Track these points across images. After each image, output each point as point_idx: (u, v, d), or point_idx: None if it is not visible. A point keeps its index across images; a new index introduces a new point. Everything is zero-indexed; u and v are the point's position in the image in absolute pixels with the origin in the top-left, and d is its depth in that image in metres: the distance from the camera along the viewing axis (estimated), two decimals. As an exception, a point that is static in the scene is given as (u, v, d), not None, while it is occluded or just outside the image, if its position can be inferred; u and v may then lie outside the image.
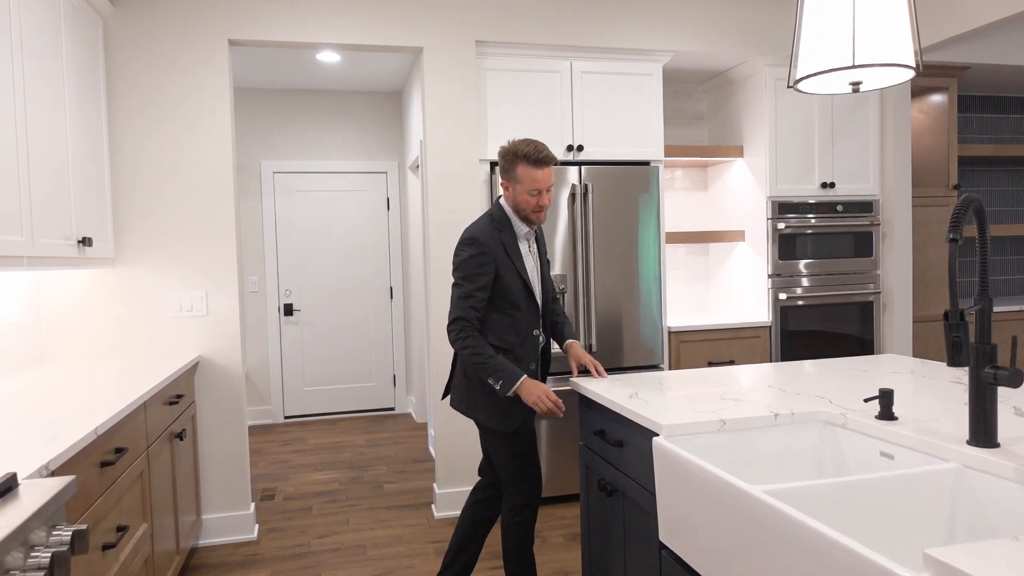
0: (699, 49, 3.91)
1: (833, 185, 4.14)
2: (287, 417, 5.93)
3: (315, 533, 3.50)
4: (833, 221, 4.17)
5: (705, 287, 4.73)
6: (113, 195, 3.23)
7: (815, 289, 4.16)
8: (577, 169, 3.73)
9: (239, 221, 3.43)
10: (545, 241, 2.65)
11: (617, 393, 2.07)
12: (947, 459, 1.45)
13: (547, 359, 2.61)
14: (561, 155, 3.77)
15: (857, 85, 1.89)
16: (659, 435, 1.72)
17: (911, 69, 1.80)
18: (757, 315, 4.20)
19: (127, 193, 3.25)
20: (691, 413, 1.79)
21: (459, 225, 3.63)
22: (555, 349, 3.59)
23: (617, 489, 2.03)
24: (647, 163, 3.93)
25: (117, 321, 3.26)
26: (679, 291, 4.67)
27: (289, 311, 5.86)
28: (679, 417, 1.75)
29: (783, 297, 4.09)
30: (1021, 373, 1.33)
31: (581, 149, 3.78)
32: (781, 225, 4.08)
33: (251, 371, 5.84)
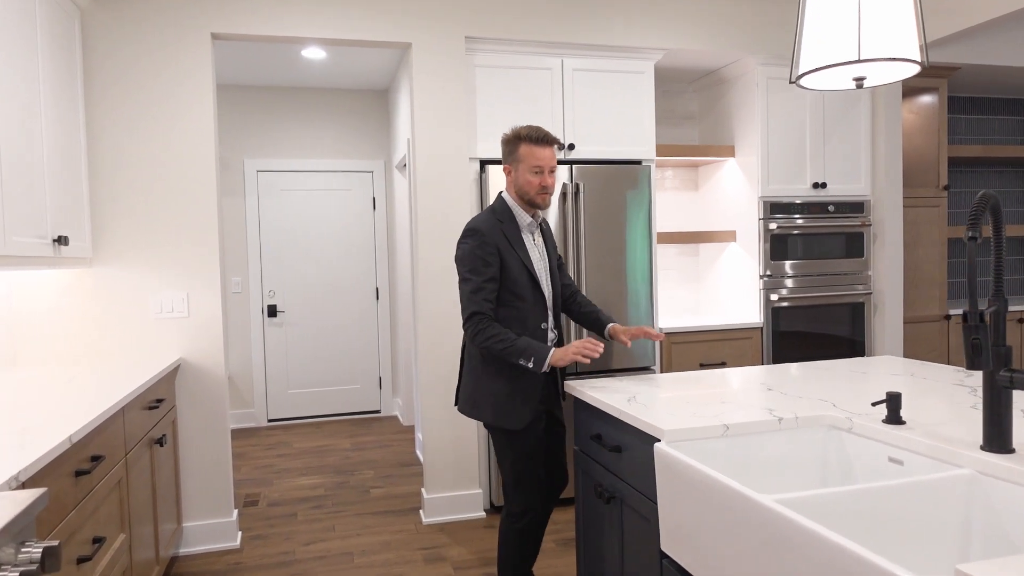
0: (691, 47, 3.87)
1: (825, 185, 4.12)
2: (271, 420, 5.82)
3: (300, 540, 3.41)
4: (825, 221, 4.14)
5: (695, 288, 4.69)
6: (91, 193, 3.13)
7: (806, 290, 4.13)
8: (568, 168, 3.67)
9: (222, 220, 3.33)
10: (553, 237, 2.58)
11: (614, 397, 2.01)
12: (961, 465, 1.41)
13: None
14: (552, 154, 3.71)
15: (861, 81, 1.85)
16: (661, 441, 1.66)
17: (917, 64, 1.76)
18: (748, 316, 4.16)
19: (106, 191, 3.15)
20: (692, 418, 1.73)
21: (449, 224, 3.56)
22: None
23: (615, 496, 1.97)
24: (639, 162, 3.88)
25: (95, 322, 3.16)
26: (669, 291, 4.63)
27: (273, 312, 5.75)
28: (681, 422, 1.69)
29: (774, 298, 4.06)
30: (1038, 376, 1.29)
31: (572, 148, 3.72)
32: (773, 225, 4.04)
33: (234, 373, 5.73)
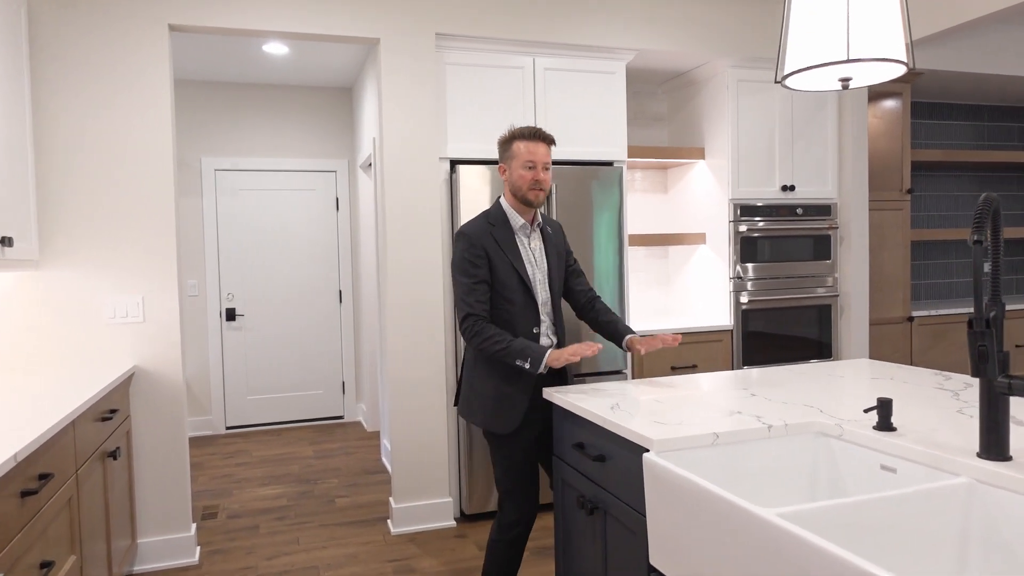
0: (663, 48, 3.84)
1: (793, 188, 4.14)
2: (229, 428, 5.63)
3: (263, 554, 3.27)
4: (793, 224, 4.16)
5: (665, 290, 4.67)
6: (38, 192, 2.95)
7: (776, 292, 4.14)
8: (540, 169, 3.60)
9: (178, 220, 3.18)
10: (563, 240, 2.53)
11: (596, 404, 1.94)
12: (957, 473, 1.38)
13: (561, 368, 2.44)
14: (523, 154, 3.64)
15: (847, 81, 1.82)
16: (649, 451, 1.60)
17: (903, 65, 1.74)
18: (718, 318, 4.16)
19: (55, 190, 2.98)
20: (680, 426, 1.68)
21: (418, 225, 3.46)
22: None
23: (599, 506, 1.91)
24: (610, 163, 3.84)
25: (43, 329, 2.98)
26: (639, 294, 4.60)
27: (232, 316, 5.56)
28: (669, 431, 1.64)
29: (744, 300, 4.06)
30: (1037, 382, 1.26)
31: (544, 148, 3.66)
32: (743, 227, 4.04)
33: (190, 379, 5.52)
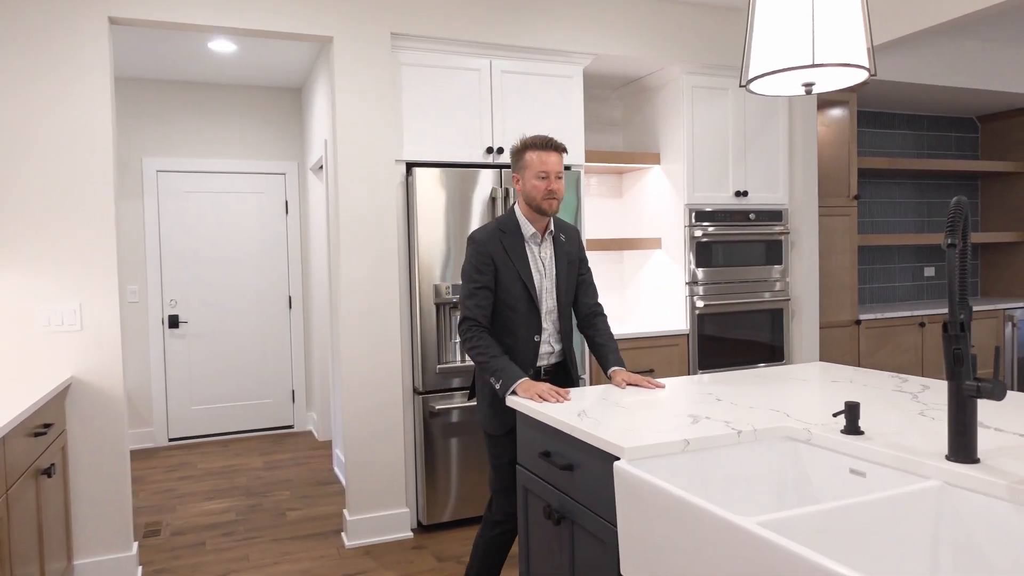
0: (620, 53, 3.85)
1: (746, 194, 4.19)
2: (172, 439, 5.41)
3: (210, 572, 3.13)
4: (746, 229, 4.21)
5: (619, 296, 4.68)
6: (-37, 191, 2.76)
7: (730, 296, 4.19)
8: (497, 172, 3.56)
9: (118, 224, 3.02)
10: (577, 247, 2.52)
11: (563, 412, 1.90)
12: (927, 476, 1.38)
13: (566, 376, 2.49)
14: (480, 157, 3.59)
15: (810, 86, 1.83)
16: (620, 459, 1.57)
17: (866, 71, 1.76)
18: (675, 323, 4.18)
19: (-19, 189, 2.79)
20: (651, 433, 1.65)
21: (373, 229, 3.37)
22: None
23: (566, 516, 1.86)
24: (568, 168, 3.82)
25: (-32, 338, 2.78)
26: (595, 299, 4.59)
27: (175, 323, 5.35)
28: (639, 438, 1.60)
29: (700, 304, 4.09)
30: (1004, 385, 1.27)
31: (501, 151, 3.62)
32: (698, 232, 4.07)
33: (131, 390, 5.28)
